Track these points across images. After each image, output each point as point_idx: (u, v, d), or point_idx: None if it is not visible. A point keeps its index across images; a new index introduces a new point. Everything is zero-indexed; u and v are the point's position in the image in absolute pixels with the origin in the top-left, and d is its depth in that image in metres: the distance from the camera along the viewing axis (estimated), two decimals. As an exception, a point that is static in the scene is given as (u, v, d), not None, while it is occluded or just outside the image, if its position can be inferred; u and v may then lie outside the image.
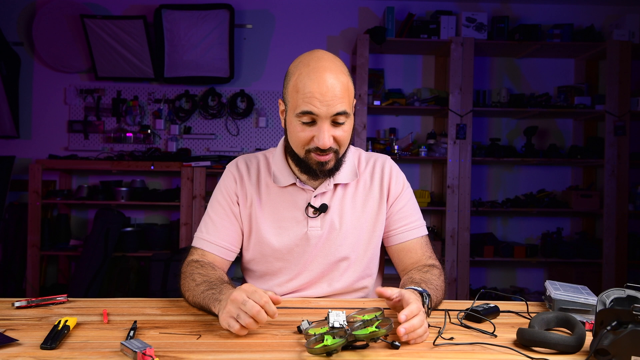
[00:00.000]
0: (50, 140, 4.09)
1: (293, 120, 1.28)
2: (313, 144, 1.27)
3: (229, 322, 1.03)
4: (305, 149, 1.29)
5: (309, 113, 1.23)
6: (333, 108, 1.23)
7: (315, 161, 1.29)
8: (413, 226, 1.42)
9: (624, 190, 3.80)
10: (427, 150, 3.94)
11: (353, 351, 0.96)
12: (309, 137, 1.26)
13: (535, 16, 4.17)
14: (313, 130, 1.26)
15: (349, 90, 1.27)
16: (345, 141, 1.30)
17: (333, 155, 1.29)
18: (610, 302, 1.03)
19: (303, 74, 1.25)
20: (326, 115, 1.23)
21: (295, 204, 1.38)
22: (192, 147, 4.12)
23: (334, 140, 1.27)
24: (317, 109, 1.23)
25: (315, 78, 1.23)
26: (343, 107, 1.24)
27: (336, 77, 1.24)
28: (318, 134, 1.25)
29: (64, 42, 4.03)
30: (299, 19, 4.19)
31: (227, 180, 1.43)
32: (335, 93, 1.23)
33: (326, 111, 1.23)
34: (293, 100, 1.27)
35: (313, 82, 1.23)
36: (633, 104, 3.84)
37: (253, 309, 1.00)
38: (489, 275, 4.27)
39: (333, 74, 1.24)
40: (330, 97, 1.22)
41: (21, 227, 3.86)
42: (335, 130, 1.26)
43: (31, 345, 0.98)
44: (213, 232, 1.39)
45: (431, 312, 1.18)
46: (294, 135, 1.29)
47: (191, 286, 1.24)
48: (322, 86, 1.22)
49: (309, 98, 1.22)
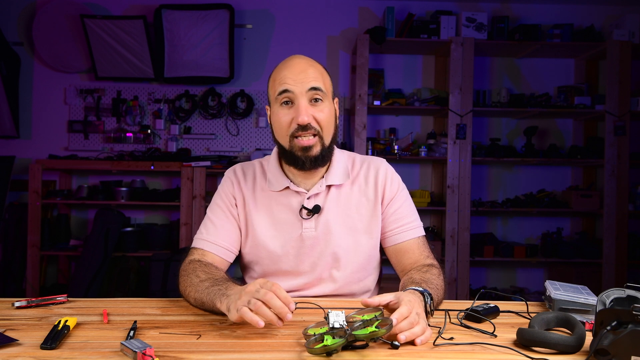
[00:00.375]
0: (50, 140, 4.10)
1: (275, 109, 1.36)
2: (294, 124, 1.32)
3: (240, 309, 1.01)
4: (289, 133, 1.33)
5: (285, 91, 1.32)
6: (307, 84, 1.32)
7: (299, 147, 1.33)
8: (409, 227, 1.43)
9: (624, 190, 3.80)
10: (427, 150, 3.94)
11: (353, 351, 0.96)
12: (290, 119, 1.33)
13: (535, 16, 4.17)
14: (292, 112, 1.33)
15: (324, 76, 1.37)
16: (325, 123, 1.35)
17: (317, 140, 1.34)
18: (610, 302, 1.03)
19: (279, 66, 1.39)
20: (301, 91, 1.32)
21: (290, 207, 1.41)
22: (192, 147, 4.12)
23: (314, 120, 1.33)
24: (292, 85, 1.32)
25: (289, 65, 1.36)
26: (317, 83, 1.33)
27: (308, 62, 1.36)
28: (297, 111, 1.32)
29: (64, 42, 4.03)
30: (299, 19, 4.19)
31: (225, 184, 1.47)
32: (307, 73, 1.33)
33: (301, 87, 1.32)
34: (272, 91, 1.37)
35: (287, 68, 1.35)
36: (633, 104, 3.84)
37: (266, 295, 1.01)
38: (489, 275, 4.27)
39: (306, 60, 1.37)
40: (302, 76, 1.32)
41: (21, 227, 3.86)
42: (314, 110, 1.33)
43: (31, 345, 0.98)
44: (213, 233, 1.40)
45: (434, 311, 1.18)
46: (277, 123, 1.36)
47: (194, 282, 1.24)
48: (295, 68, 1.34)
49: (283, 79, 1.33)
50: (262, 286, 1.04)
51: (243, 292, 1.05)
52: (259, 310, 1.00)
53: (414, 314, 1.03)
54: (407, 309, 1.02)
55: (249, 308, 1.01)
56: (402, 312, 1.01)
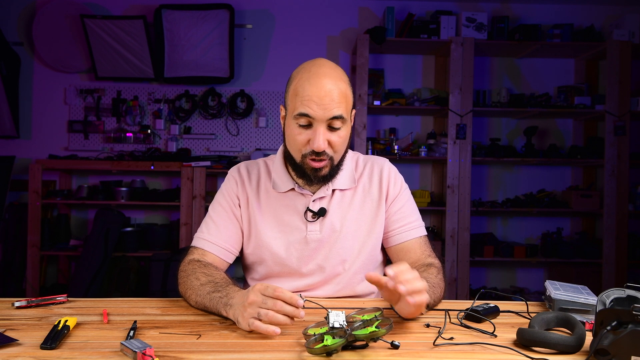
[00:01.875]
0: (50, 140, 4.10)
1: (291, 123, 1.30)
2: (308, 147, 1.29)
3: (252, 323, 1.02)
4: (302, 152, 1.31)
5: (306, 115, 1.26)
6: (329, 112, 1.26)
7: (310, 167, 1.31)
8: (411, 226, 1.43)
9: (624, 190, 3.80)
10: (427, 150, 3.94)
11: (353, 351, 0.96)
12: (305, 140, 1.29)
13: (535, 16, 4.17)
14: (309, 133, 1.28)
15: (347, 98, 1.30)
16: (340, 147, 1.32)
17: (328, 162, 1.32)
18: (610, 302, 1.03)
19: (303, 78, 1.28)
20: (322, 118, 1.26)
21: (295, 209, 1.40)
22: (192, 147, 4.12)
23: (329, 145, 1.29)
24: (314, 111, 1.25)
25: (315, 82, 1.26)
26: (339, 111, 1.27)
27: (334, 83, 1.27)
28: (313, 137, 1.27)
29: (64, 42, 4.03)
30: (299, 19, 4.19)
31: (229, 184, 1.45)
32: (332, 97, 1.26)
33: (322, 114, 1.26)
34: (292, 104, 1.30)
35: (312, 86, 1.26)
36: (633, 104, 3.84)
37: (275, 306, 1.02)
38: (489, 275, 4.27)
39: (332, 79, 1.27)
40: (327, 101, 1.25)
41: (21, 227, 3.86)
42: (331, 135, 1.29)
43: (31, 345, 0.98)
44: (214, 233, 1.39)
45: (429, 310, 1.18)
46: (291, 138, 1.31)
47: (195, 285, 1.24)
48: (320, 90, 1.25)
49: (306, 101, 1.26)
50: (264, 293, 1.04)
51: (247, 303, 1.05)
52: (271, 319, 1.01)
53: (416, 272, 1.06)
54: (407, 266, 1.06)
55: (260, 319, 1.02)
56: (401, 267, 1.05)
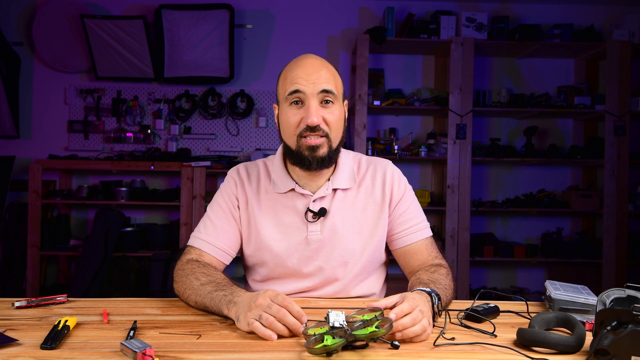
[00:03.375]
0: (50, 140, 4.09)
1: (284, 108, 1.34)
2: (303, 124, 1.30)
3: (252, 323, 1.02)
4: (297, 133, 1.31)
5: (296, 91, 1.30)
6: (319, 85, 1.30)
7: (306, 146, 1.31)
8: (417, 228, 1.42)
9: (624, 190, 3.80)
10: (427, 150, 3.94)
11: (353, 351, 0.96)
12: (299, 119, 1.31)
13: (535, 16, 4.17)
14: (302, 112, 1.31)
15: (335, 77, 1.35)
16: (335, 125, 1.33)
17: (325, 141, 1.32)
18: (610, 302, 1.03)
19: (290, 64, 1.36)
20: (312, 92, 1.30)
21: (295, 209, 1.39)
22: (192, 147, 4.12)
23: (324, 121, 1.31)
24: (303, 86, 1.30)
25: (301, 64, 1.33)
26: (329, 86, 1.31)
27: (321, 63, 1.34)
28: (307, 112, 1.30)
29: (64, 42, 4.03)
30: (299, 19, 4.19)
31: (228, 184, 1.44)
32: (320, 74, 1.31)
33: (312, 88, 1.30)
34: (282, 90, 1.34)
35: (299, 67, 1.33)
36: (633, 104, 3.84)
37: (279, 313, 1.01)
38: (489, 275, 4.27)
39: (318, 60, 1.35)
40: (315, 77, 1.30)
41: (21, 227, 3.86)
42: (324, 112, 1.31)
43: (31, 345, 0.98)
44: (212, 234, 1.39)
45: (442, 312, 1.17)
46: (286, 123, 1.34)
47: (194, 285, 1.23)
48: (308, 68, 1.32)
49: (295, 78, 1.31)
50: (273, 300, 1.04)
51: (253, 304, 1.04)
52: (272, 325, 1.01)
53: (417, 311, 1.03)
54: (408, 305, 1.03)
55: (261, 322, 1.01)
56: (402, 308, 1.02)
